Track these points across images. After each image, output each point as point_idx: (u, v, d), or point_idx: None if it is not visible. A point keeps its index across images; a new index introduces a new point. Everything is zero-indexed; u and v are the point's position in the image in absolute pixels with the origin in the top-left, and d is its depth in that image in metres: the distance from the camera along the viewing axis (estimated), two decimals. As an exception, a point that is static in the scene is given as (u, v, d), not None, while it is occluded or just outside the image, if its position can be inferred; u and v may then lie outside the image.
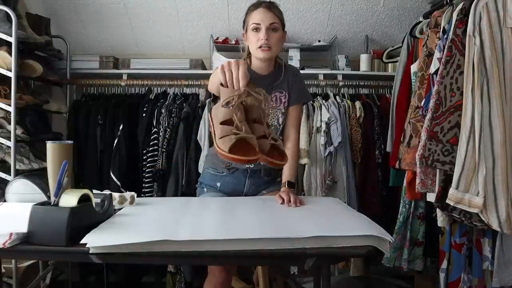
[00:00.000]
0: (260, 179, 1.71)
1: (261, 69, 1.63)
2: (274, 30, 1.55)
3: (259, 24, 1.54)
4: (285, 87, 1.66)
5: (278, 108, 1.65)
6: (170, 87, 2.71)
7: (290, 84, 1.67)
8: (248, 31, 1.59)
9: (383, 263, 2.10)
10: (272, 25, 1.55)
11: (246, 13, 1.62)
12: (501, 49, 1.58)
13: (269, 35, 1.54)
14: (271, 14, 1.56)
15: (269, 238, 1.00)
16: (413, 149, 1.85)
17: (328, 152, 2.43)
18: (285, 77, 1.67)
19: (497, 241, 1.79)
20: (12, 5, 2.15)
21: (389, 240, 1.02)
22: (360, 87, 2.77)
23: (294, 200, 1.42)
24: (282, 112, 1.66)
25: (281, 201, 1.45)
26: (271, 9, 1.57)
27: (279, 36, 1.58)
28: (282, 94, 1.65)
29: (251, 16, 1.58)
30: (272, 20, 1.55)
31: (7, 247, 0.95)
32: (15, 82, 2.05)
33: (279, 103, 1.65)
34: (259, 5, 1.58)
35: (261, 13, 1.55)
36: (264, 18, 1.54)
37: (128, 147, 2.49)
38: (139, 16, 2.72)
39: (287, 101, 1.66)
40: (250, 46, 1.60)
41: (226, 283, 1.50)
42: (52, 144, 1.22)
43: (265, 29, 1.54)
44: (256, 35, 1.55)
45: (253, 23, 1.55)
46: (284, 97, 1.66)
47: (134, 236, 0.99)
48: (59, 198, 1.03)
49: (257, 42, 1.55)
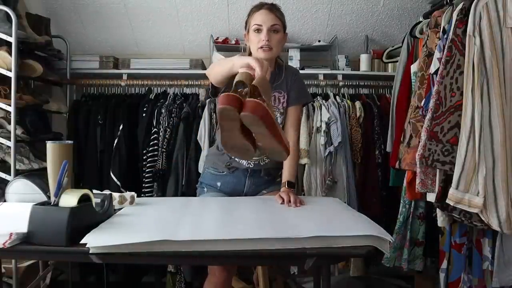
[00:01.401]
0: (260, 179, 1.71)
1: None
2: (275, 32, 1.58)
3: (260, 25, 1.57)
4: (284, 88, 1.68)
5: (277, 107, 1.66)
6: (170, 87, 2.71)
7: (289, 85, 1.69)
8: (250, 31, 1.61)
9: (383, 263, 2.10)
10: (273, 26, 1.58)
11: (249, 14, 1.65)
12: (501, 49, 1.58)
13: (270, 36, 1.57)
14: (272, 16, 1.58)
15: (269, 238, 1.00)
16: (413, 149, 1.85)
17: (328, 152, 2.43)
18: (284, 77, 1.69)
19: (497, 241, 1.79)
20: (12, 5, 2.15)
21: (389, 240, 1.02)
22: (360, 87, 2.77)
23: (294, 200, 1.42)
24: (281, 112, 1.67)
25: (281, 201, 1.45)
26: (272, 11, 1.60)
27: (280, 38, 1.60)
28: (281, 94, 1.67)
29: (253, 17, 1.61)
30: (273, 21, 1.58)
31: (7, 247, 0.96)
32: (15, 82, 2.05)
33: (277, 103, 1.67)
34: (261, 7, 1.61)
35: (263, 15, 1.58)
36: (266, 19, 1.57)
37: (128, 147, 2.49)
38: (139, 16, 2.72)
39: (285, 101, 1.68)
40: (251, 47, 1.62)
41: (226, 283, 1.50)
42: (52, 144, 1.22)
43: (266, 30, 1.56)
44: (258, 36, 1.58)
45: (255, 24, 1.58)
46: (283, 97, 1.68)
47: (134, 236, 0.99)
48: (59, 198, 1.03)
49: (258, 43, 1.58)
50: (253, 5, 1.65)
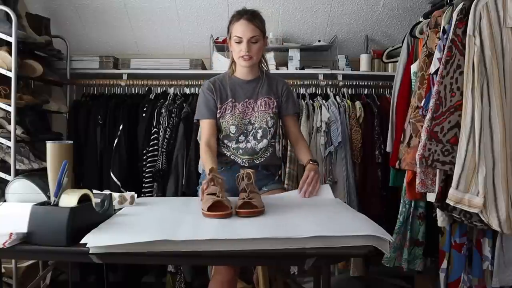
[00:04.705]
0: (259, 173, 1.74)
1: (244, 74, 1.79)
2: (254, 42, 1.69)
3: (240, 37, 1.67)
4: (273, 94, 1.80)
5: (267, 112, 1.77)
6: (170, 87, 2.71)
7: (280, 93, 1.82)
8: (232, 41, 1.72)
9: (383, 263, 2.10)
10: (252, 38, 1.67)
11: (230, 21, 1.74)
12: (501, 49, 1.58)
13: (249, 47, 1.68)
14: (252, 27, 1.67)
15: (269, 238, 1.00)
16: (413, 149, 1.85)
17: (328, 152, 2.44)
18: (269, 83, 1.81)
19: (497, 241, 1.79)
20: (12, 5, 2.15)
21: (389, 240, 1.02)
22: (360, 87, 2.77)
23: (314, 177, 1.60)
24: (271, 116, 1.78)
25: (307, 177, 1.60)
26: (252, 22, 1.68)
27: (260, 46, 1.71)
28: (271, 100, 1.79)
29: (233, 27, 1.70)
30: (252, 33, 1.67)
31: (7, 247, 0.96)
32: (15, 82, 2.05)
33: (267, 108, 1.78)
34: (240, 17, 1.69)
35: (243, 26, 1.67)
36: (245, 31, 1.66)
37: (128, 147, 2.49)
38: (139, 16, 2.72)
39: (275, 107, 1.79)
40: (233, 54, 1.75)
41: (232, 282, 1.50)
42: (52, 144, 1.22)
43: (246, 41, 1.67)
44: (239, 46, 1.69)
45: (235, 36, 1.68)
46: (273, 103, 1.79)
47: (134, 236, 0.99)
48: (59, 198, 1.03)
49: (239, 52, 1.69)
50: (236, 10, 1.73)
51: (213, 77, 1.83)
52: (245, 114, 1.76)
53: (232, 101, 1.76)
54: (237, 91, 1.77)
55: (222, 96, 1.76)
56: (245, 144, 1.76)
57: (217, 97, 1.76)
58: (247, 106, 1.77)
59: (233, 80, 1.79)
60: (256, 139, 1.76)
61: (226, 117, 1.75)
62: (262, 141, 1.76)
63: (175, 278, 2.43)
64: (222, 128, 1.76)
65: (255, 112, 1.77)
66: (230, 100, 1.76)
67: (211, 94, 1.76)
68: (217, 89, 1.76)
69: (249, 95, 1.77)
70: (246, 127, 1.76)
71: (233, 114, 1.75)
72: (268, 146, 1.78)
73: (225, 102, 1.76)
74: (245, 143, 1.76)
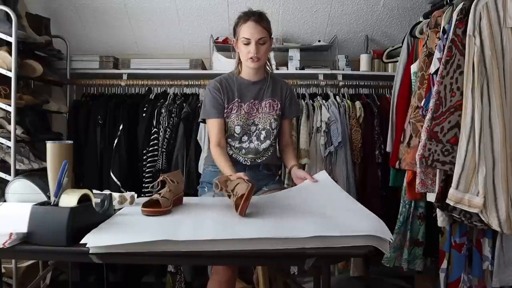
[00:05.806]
0: (259, 173, 1.77)
1: (251, 75, 1.79)
2: (262, 44, 1.69)
3: (249, 39, 1.67)
4: (277, 97, 1.81)
5: (271, 113, 1.78)
6: (170, 87, 2.71)
7: (284, 97, 1.83)
8: (239, 42, 1.71)
9: (383, 263, 2.10)
10: (260, 39, 1.68)
11: (237, 23, 1.73)
12: (501, 49, 1.58)
13: (258, 49, 1.68)
14: (260, 28, 1.68)
15: (269, 238, 1.01)
16: (413, 149, 1.85)
17: (328, 152, 2.44)
18: (274, 86, 1.82)
19: (497, 241, 1.79)
20: (12, 5, 2.15)
21: (389, 239, 1.02)
22: (360, 87, 2.77)
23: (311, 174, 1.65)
24: (275, 118, 1.79)
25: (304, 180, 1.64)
26: (259, 23, 1.68)
27: (267, 47, 1.72)
28: (275, 102, 1.80)
29: (241, 29, 1.70)
30: (260, 35, 1.67)
31: (7, 247, 0.96)
32: (15, 82, 2.05)
33: (272, 110, 1.79)
34: (248, 18, 1.69)
35: (251, 28, 1.67)
36: (254, 32, 1.67)
37: (128, 147, 2.49)
38: (139, 16, 2.72)
39: (279, 109, 1.80)
40: (241, 55, 1.74)
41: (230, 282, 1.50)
42: (52, 144, 1.22)
43: (254, 43, 1.67)
44: (247, 48, 1.69)
45: (243, 37, 1.68)
46: (277, 105, 1.80)
47: (134, 236, 0.99)
48: (59, 198, 1.03)
49: (247, 54, 1.69)
50: (242, 12, 1.73)
51: (219, 77, 1.82)
52: (249, 115, 1.76)
53: (238, 101, 1.76)
54: (243, 91, 1.77)
55: (229, 96, 1.76)
56: (248, 144, 1.76)
57: (224, 96, 1.75)
58: (252, 107, 1.77)
59: (240, 80, 1.79)
60: (259, 139, 1.76)
61: (231, 117, 1.74)
62: (265, 142, 1.76)
63: (175, 278, 2.43)
64: (227, 128, 1.76)
65: (259, 113, 1.77)
66: (236, 100, 1.75)
67: (219, 94, 1.75)
68: (224, 88, 1.76)
69: (254, 96, 1.77)
70: (249, 128, 1.76)
71: (239, 115, 1.74)
72: (270, 146, 1.78)
73: (231, 102, 1.76)
74: (248, 143, 1.76)
